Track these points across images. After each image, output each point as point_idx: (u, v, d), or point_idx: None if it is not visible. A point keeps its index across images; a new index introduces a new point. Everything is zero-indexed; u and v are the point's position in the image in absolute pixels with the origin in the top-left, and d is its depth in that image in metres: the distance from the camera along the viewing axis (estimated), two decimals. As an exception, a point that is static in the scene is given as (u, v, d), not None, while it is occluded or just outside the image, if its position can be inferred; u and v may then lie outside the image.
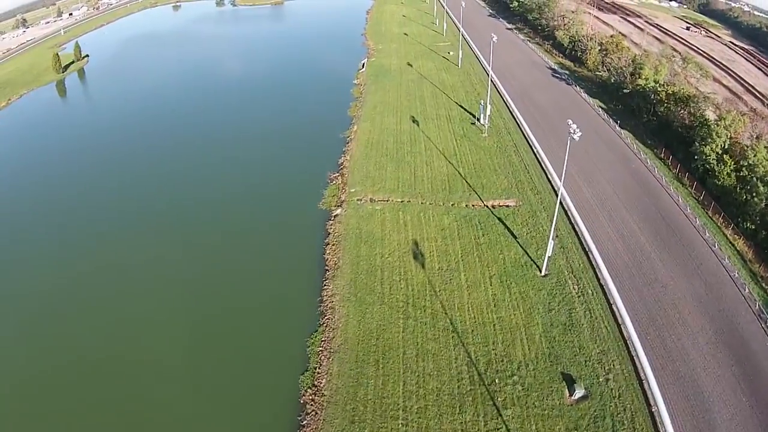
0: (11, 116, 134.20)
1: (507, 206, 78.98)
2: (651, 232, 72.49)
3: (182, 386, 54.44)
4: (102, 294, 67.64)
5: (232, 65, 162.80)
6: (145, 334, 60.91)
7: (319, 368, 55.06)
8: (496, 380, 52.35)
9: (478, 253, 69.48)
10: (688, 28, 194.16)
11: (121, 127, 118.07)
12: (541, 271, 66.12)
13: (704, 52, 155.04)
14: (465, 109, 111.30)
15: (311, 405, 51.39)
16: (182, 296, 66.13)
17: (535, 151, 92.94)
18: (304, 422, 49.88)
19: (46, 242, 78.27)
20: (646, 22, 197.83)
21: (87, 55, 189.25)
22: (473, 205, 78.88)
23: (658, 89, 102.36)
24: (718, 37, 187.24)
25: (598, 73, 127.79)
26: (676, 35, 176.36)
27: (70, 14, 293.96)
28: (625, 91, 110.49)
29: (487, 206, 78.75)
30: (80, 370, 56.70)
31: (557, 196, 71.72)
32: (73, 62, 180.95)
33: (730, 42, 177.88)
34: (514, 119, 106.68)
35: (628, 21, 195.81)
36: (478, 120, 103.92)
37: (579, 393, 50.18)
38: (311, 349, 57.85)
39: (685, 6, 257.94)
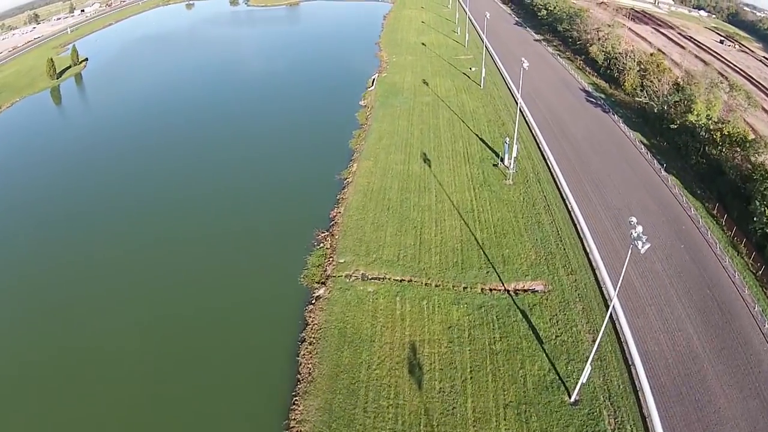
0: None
1: (533, 291, 60.18)
2: (706, 329, 54.10)
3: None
4: (96, 295, 63.92)
5: (229, 78, 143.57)
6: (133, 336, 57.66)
7: None
8: None
9: (492, 367, 50.78)
10: (722, 42, 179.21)
11: (112, 138, 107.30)
12: (570, 397, 47.87)
13: (741, 69, 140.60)
14: (486, 145, 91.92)
15: None
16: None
17: (569, 208, 73.44)
18: None
19: (39, 244, 74.09)
20: (679, 34, 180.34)
21: (86, 59, 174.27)
22: (491, 290, 60.07)
23: (711, 127, 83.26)
24: (752, 51, 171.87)
25: (637, 99, 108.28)
26: (711, 50, 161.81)
27: (82, 11, 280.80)
28: (672, 126, 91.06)
29: (508, 291, 60.13)
30: (77, 365, 54.48)
31: (595, 276, 54.15)
32: (69, 66, 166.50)
33: (764, 57, 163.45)
34: (544, 159, 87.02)
35: (661, 33, 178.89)
36: (502, 161, 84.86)
37: None
38: None
39: (714, 16, 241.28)
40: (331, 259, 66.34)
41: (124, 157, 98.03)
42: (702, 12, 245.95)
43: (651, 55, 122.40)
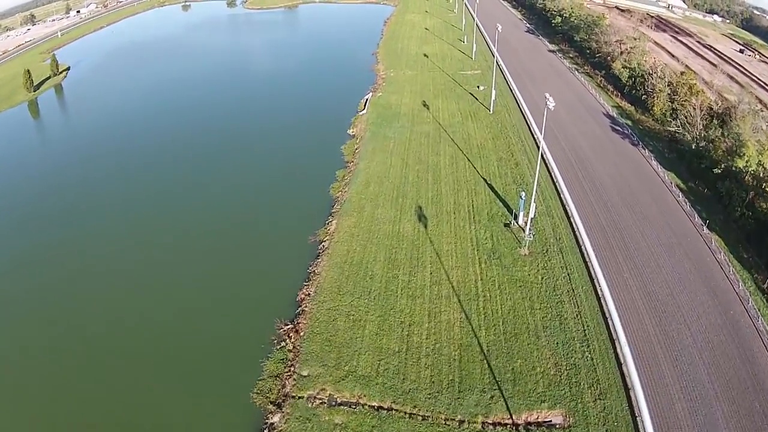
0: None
1: (550, 425, 43.52)
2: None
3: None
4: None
5: (205, 102, 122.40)
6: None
7: None
8: None
9: None
10: (741, 51, 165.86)
11: (86, 155, 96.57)
12: None
13: (764, 82, 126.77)
14: (496, 194, 74.03)
15: None
16: None
17: (598, 293, 55.98)
18: None
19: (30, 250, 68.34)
20: (698, 42, 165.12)
21: (67, 68, 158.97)
22: (495, 425, 43.40)
23: (763, 176, 66.05)
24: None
25: (668, 127, 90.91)
26: (731, 59, 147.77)
27: (78, 12, 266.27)
28: (715, 171, 73.49)
29: (517, 426, 43.39)
30: (79, 364, 50.99)
31: (629, 401, 41.03)
32: (49, 77, 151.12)
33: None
34: (567, 217, 68.36)
35: (680, 41, 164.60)
36: (516, 219, 67.56)
37: None
38: None
39: (728, 21, 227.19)
40: (291, 368, 49.45)
41: (96, 178, 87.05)
42: (716, 17, 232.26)
43: (681, 74, 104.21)
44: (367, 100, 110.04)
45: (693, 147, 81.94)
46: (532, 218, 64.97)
